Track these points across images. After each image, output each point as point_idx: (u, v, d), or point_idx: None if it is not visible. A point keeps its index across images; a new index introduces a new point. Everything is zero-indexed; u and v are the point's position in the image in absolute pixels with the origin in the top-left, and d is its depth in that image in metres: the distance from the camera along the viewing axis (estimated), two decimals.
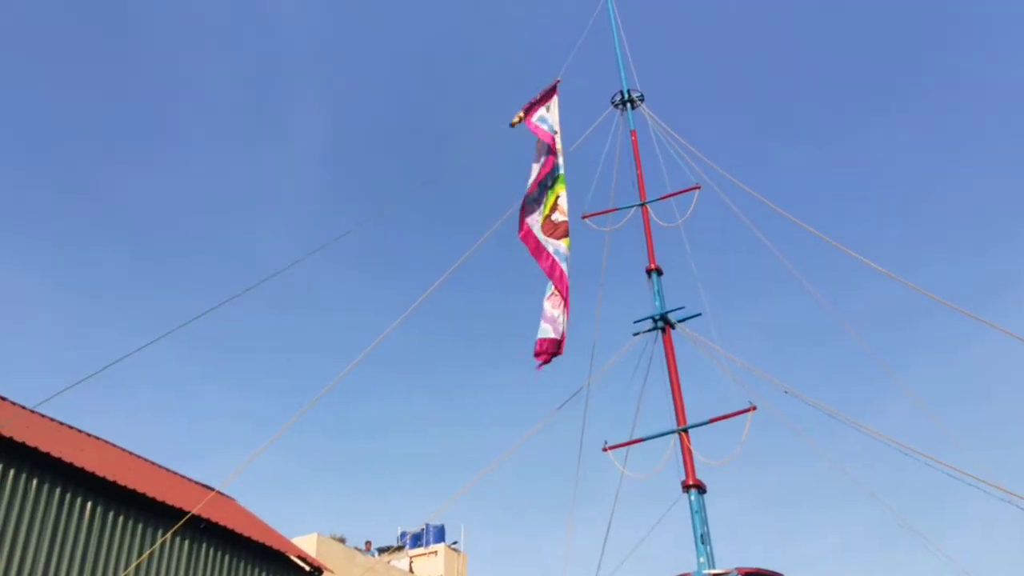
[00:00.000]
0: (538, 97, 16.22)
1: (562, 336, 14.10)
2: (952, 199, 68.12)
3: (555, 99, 16.32)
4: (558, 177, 15.60)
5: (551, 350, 14.07)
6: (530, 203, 15.42)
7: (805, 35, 73.13)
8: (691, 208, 16.09)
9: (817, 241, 16.17)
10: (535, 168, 15.64)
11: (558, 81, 16.63)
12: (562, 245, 14.81)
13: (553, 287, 14.49)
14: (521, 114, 15.83)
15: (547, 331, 14.19)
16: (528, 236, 15.04)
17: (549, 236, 14.92)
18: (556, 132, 15.80)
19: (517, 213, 15.27)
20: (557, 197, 15.38)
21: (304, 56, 76.01)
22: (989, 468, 13.03)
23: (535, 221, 15.22)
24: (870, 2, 69.74)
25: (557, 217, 15.17)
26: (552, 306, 14.41)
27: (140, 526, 16.25)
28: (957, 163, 69.64)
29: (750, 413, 13.64)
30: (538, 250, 14.86)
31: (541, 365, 14.12)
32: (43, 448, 14.64)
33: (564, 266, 14.65)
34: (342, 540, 32.11)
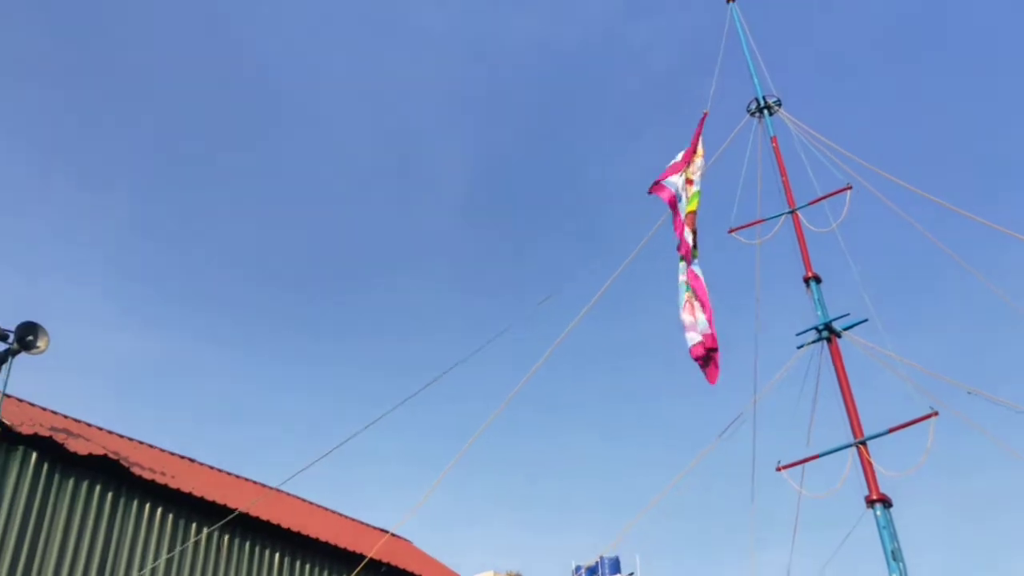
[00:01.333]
0: (694, 140, 16.10)
1: (711, 334, 13.87)
2: None
3: (701, 135, 16.20)
4: (695, 194, 15.47)
5: (706, 354, 13.86)
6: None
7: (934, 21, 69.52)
8: (844, 210, 15.45)
9: (978, 229, 15.20)
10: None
11: (706, 113, 16.52)
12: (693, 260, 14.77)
13: (686, 297, 14.34)
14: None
15: (694, 339, 13.98)
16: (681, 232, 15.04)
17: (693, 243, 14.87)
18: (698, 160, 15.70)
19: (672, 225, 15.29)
20: (694, 211, 15.29)
21: (441, 113, 78.14)
22: None
23: (682, 208, 15.21)
24: None
25: (687, 236, 15.09)
26: (687, 313, 14.22)
27: (325, 572, 16.87)
28: None
29: (932, 419, 12.90)
30: (688, 254, 14.81)
31: (711, 375, 13.92)
32: (235, 506, 15.48)
33: (697, 270, 14.52)
34: (518, 575, 32.30)
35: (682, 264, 14.82)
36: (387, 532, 20.85)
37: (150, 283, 65.14)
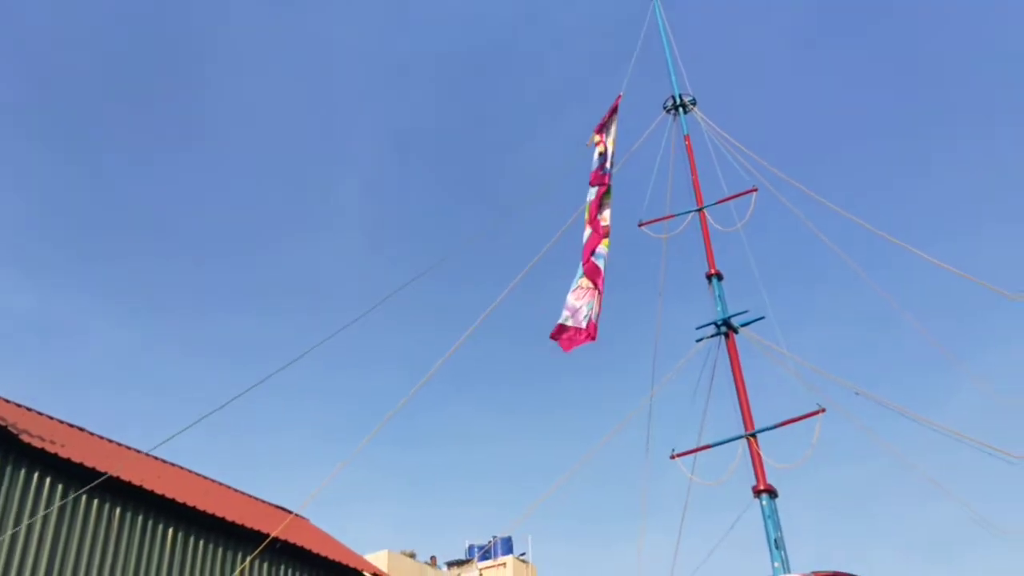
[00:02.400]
0: (606, 116, 16.44)
1: (592, 325, 14.26)
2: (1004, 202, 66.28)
3: (616, 116, 16.57)
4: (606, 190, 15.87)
5: (573, 337, 14.26)
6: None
7: (853, 36, 72.03)
8: (749, 211, 15.98)
9: (876, 238, 15.95)
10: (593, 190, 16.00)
11: (620, 97, 16.78)
12: (601, 246, 15.05)
13: (578, 281, 14.72)
14: (596, 137, 16.11)
15: (566, 319, 14.36)
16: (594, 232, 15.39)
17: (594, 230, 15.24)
18: (609, 148, 16.06)
19: (583, 220, 15.58)
20: (606, 207, 15.65)
21: (358, 82, 77.02)
22: None
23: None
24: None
25: (602, 221, 15.45)
26: (576, 298, 14.60)
27: (221, 551, 16.66)
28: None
29: (819, 415, 13.51)
30: (589, 244, 15.16)
31: (566, 347, 14.33)
32: (124, 476, 15.10)
33: (600, 263, 14.87)
34: (412, 555, 32.47)
35: (600, 248, 15.15)
36: (285, 510, 20.71)
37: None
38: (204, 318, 72.82)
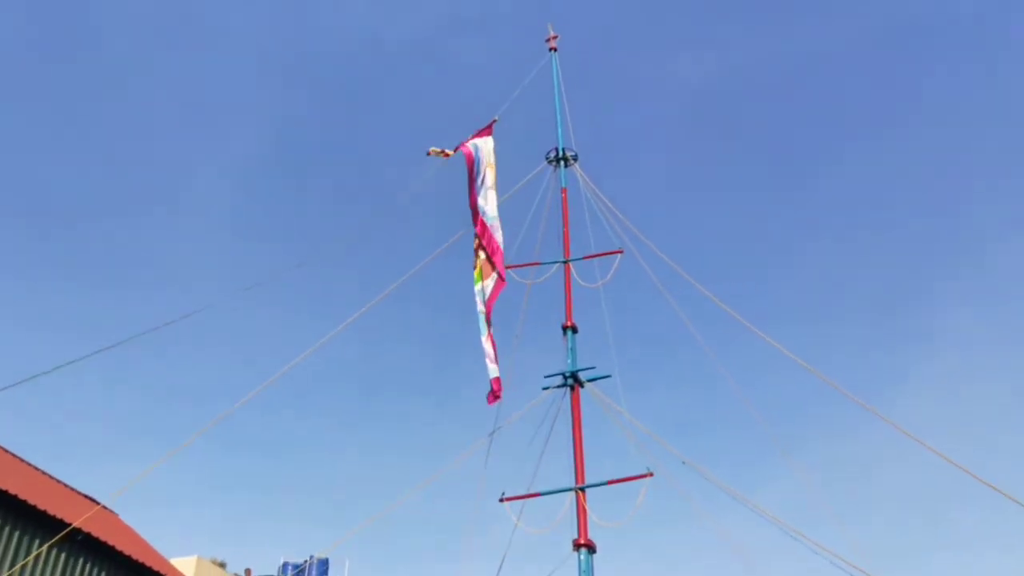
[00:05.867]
0: (474, 135, 16.53)
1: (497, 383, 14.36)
2: (859, 292, 70.80)
3: (490, 138, 16.64)
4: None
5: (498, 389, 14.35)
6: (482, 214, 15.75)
7: (744, 120, 75.70)
8: (612, 271, 16.50)
9: (731, 318, 16.67)
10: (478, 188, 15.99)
11: (495, 120, 16.92)
12: (490, 285, 15.17)
13: (486, 329, 14.80)
14: (439, 149, 16.05)
15: (494, 371, 14.43)
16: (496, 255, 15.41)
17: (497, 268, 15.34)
18: (490, 163, 16.19)
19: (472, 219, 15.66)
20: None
21: (240, 72, 75.08)
22: (859, 548, 13.64)
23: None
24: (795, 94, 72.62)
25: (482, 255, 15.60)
26: (489, 343, 14.71)
27: (16, 534, 15.59)
28: (862, 267, 72.65)
29: (647, 479, 13.96)
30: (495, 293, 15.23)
31: (491, 399, 14.37)
32: None
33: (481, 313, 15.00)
34: (223, 565, 31.26)
35: (482, 295, 15.15)
36: (93, 500, 19.65)
37: None
38: (41, 288, 68.65)
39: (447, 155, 15.93)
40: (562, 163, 18.27)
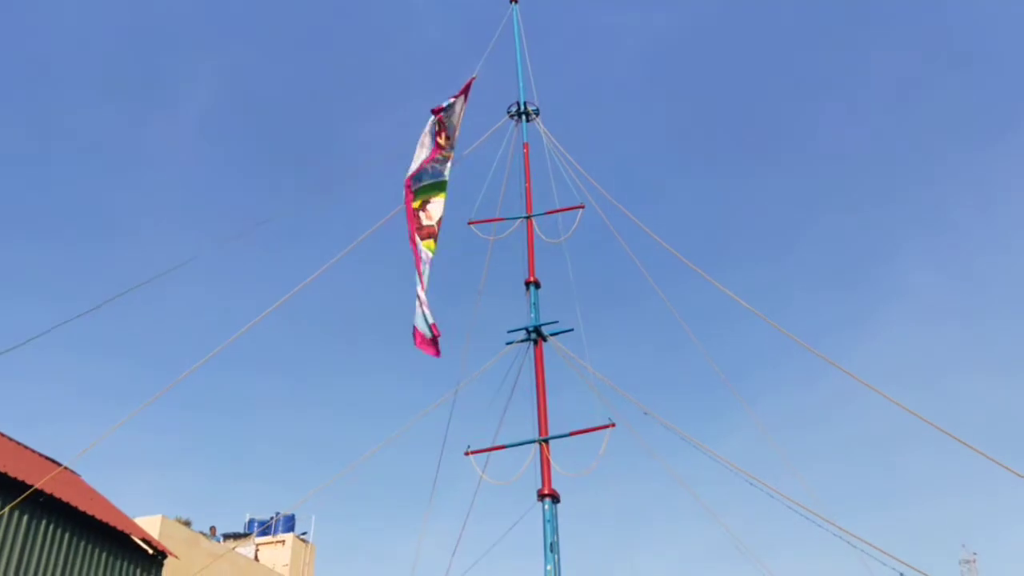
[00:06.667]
0: (454, 97, 16.29)
1: (435, 335, 14.20)
2: (816, 243, 71.82)
3: (464, 100, 16.43)
4: (441, 183, 15.75)
5: (431, 345, 14.21)
6: (416, 183, 15.50)
7: (702, 75, 75.69)
8: (574, 226, 16.53)
9: (692, 271, 16.82)
10: (421, 152, 15.66)
11: (473, 79, 16.71)
12: (422, 247, 14.94)
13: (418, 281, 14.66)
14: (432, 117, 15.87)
15: (429, 317, 14.30)
16: (410, 218, 15.17)
17: (415, 230, 15.03)
18: (451, 137, 15.97)
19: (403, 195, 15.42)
20: (430, 200, 15.48)
21: (199, 26, 73.37)
22: (816, 496, 14.02)
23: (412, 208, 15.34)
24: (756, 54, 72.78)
25: (424, 220, 15.28)
26: (423, 291, 14.60)
27: None
28: (818, 212, 73.46)
29: (609, 429, 14.15)
30: (412, 238, 15.00)
31: (432, 351, 14.27)
32: None
33: (425, 268, 14.81)
34: (187, 523, 31.22)
35: (424, 245, 15.00)
36: (54, 462, 19.50)
37: None
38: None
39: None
40: (524, 117, 18.17)
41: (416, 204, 15.27)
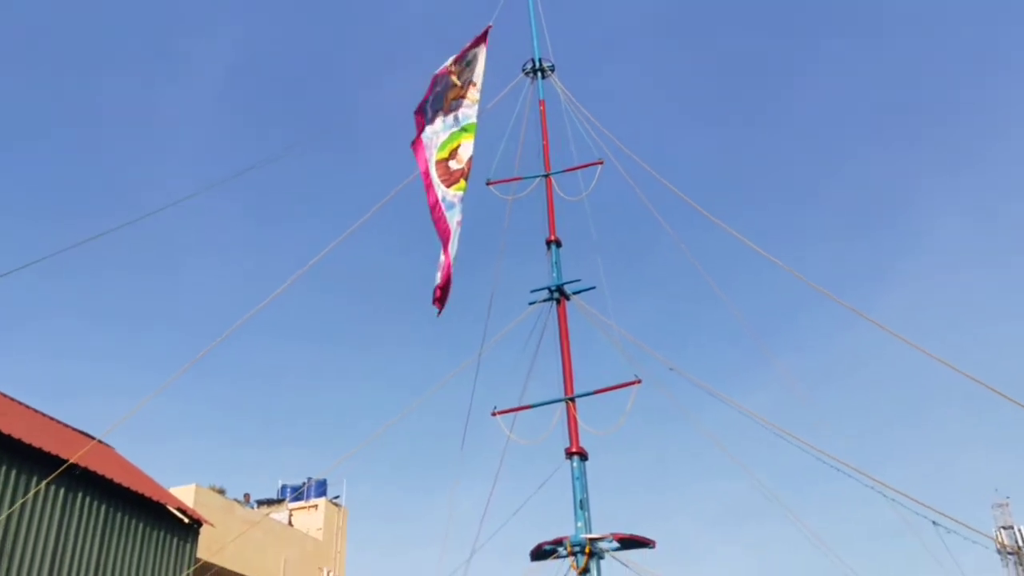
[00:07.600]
0: (468, 46, 15.95)
1: (446, 282, 13.94)
2: (842, 190, 71.03)
3: (484, 48, 16.07)
4: (469, 126, 15.41)
5: (442, 296, 14.04)
6: (427, 110, 15.31)
7: (719, 22, 74.51)
8: (593, 182, 16.33)
9: (713, 225, 16.62)
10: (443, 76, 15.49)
11: (489, 27, 16.34)
12: (450, 192, 14.63)
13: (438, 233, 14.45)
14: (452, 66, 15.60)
15: (438, 278, 14.17)
16: (421, 161, 14.98)
17: (441, 180, 14.79)
18: (475, 82, 15.65)
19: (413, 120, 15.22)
20: (459, 145, 15.16)
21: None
22: (849, 449, 13.93)
23: (431, 155, 15.10)
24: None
25: (454, 165, 15.00)
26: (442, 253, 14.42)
27: (13, 473, 15.70)
28: (843, 158, 72.55)
29: (635, 386, 14.10)
30: (428, 186, 14.79)
31: (439, 312, 14.12)
32: None
33: (448, 213, 14.53)
34: (221, 491, 31.68)
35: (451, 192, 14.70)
36: (88, 436, 19.77)
37: None
38: None
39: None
40: (539, 74, 17.92)
41: (444, 154, 15.05)
